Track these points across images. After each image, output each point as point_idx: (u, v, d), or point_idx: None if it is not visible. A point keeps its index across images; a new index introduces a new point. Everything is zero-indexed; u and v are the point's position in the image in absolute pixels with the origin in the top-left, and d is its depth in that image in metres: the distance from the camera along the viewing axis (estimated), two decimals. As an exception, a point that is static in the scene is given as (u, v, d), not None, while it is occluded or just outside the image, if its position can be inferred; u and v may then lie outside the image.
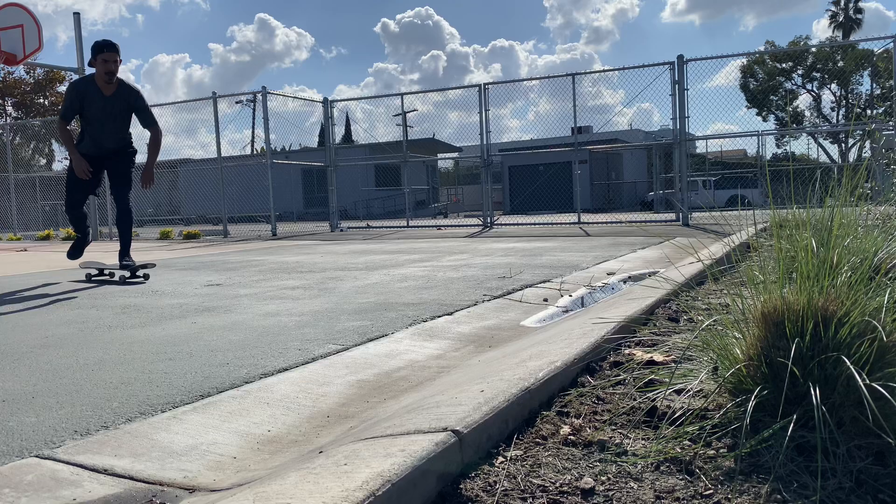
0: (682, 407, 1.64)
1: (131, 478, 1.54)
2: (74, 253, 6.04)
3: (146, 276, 5.58)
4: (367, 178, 31.37)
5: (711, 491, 1.27)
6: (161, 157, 6.36)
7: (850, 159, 30.73)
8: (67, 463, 1.61)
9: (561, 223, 13.42)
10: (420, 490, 1.28)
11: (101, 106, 5.48)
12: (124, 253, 5.63)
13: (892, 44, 11.57)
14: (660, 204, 21.50)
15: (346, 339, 2.88)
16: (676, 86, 11.68)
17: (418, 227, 15.00)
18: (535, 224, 13.69)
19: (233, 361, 2.54)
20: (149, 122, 5.66)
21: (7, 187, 17.33)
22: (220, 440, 1.77)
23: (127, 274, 5.51)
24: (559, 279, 4.58)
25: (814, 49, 35.02)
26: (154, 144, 5.73)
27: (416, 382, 2.28)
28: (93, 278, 5.67)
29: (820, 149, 33.44)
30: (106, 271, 5.73)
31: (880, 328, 1.43)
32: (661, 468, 1.38)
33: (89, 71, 5.71)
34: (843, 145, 35.58)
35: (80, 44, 13.71)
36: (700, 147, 25.58)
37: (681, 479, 1.33)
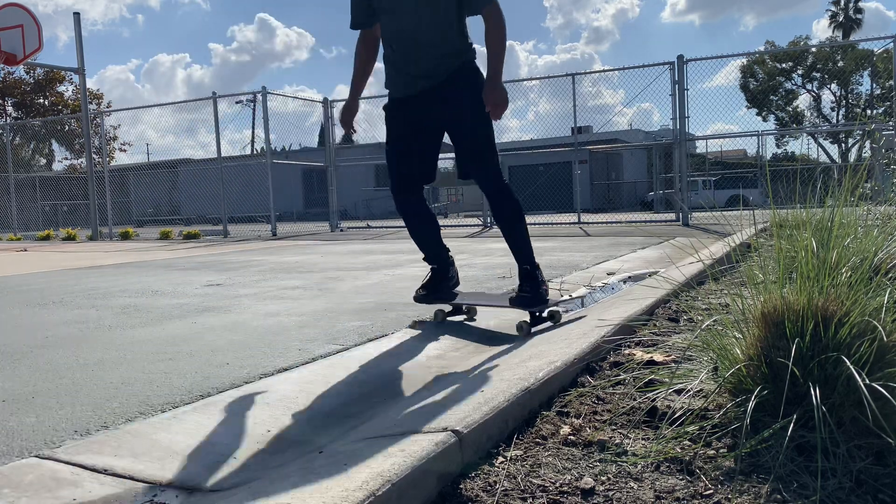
0: (682, 407, 1.64)
1: (131, 478, 1.54)
2: (426, 294, 3.16)
3: (554, 318, 3.00)
4: (367, 178, 31.37)
5: (711, 491, 1.27)
6: (160, 157, 3.97)
7: (850, 159, 30.75)
8: (67, 463, 1.61)
9: (561, 223, 13.43)
10: (420, 490, 1.28)
11: None
12: (523, 274, 2.98)
13: (892, 44, 11.56)
14: (660, 204, 21.49)
15: (347, 339, 2.88)
16: (676, 86, 11.68)
17: (418, 227, 14.95)
18: (534, 224, 13.68)
19: (233, 361, 2.54)
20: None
21: (7, 187, 17.34)
22: (220, 440, 1.77)
23: (528, 320, 2.92)
24: (559, 279, 4.58)
25: (814, 49, 35.06)
26: (497, 39, 2.87)
27: (416, 382, 2.28)
28: (448, 317, 3.24)
29: (820, 149, 33.49)
30: (464, 307, 3.27)
31: (880, 328, 1.43)
32: (661, 468, 1.38)
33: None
34: (843, 145, 35.60)
35: (80, 44, 13.72)
36: (700, 147, 25.63)
37: (681, 479, 1.33)
